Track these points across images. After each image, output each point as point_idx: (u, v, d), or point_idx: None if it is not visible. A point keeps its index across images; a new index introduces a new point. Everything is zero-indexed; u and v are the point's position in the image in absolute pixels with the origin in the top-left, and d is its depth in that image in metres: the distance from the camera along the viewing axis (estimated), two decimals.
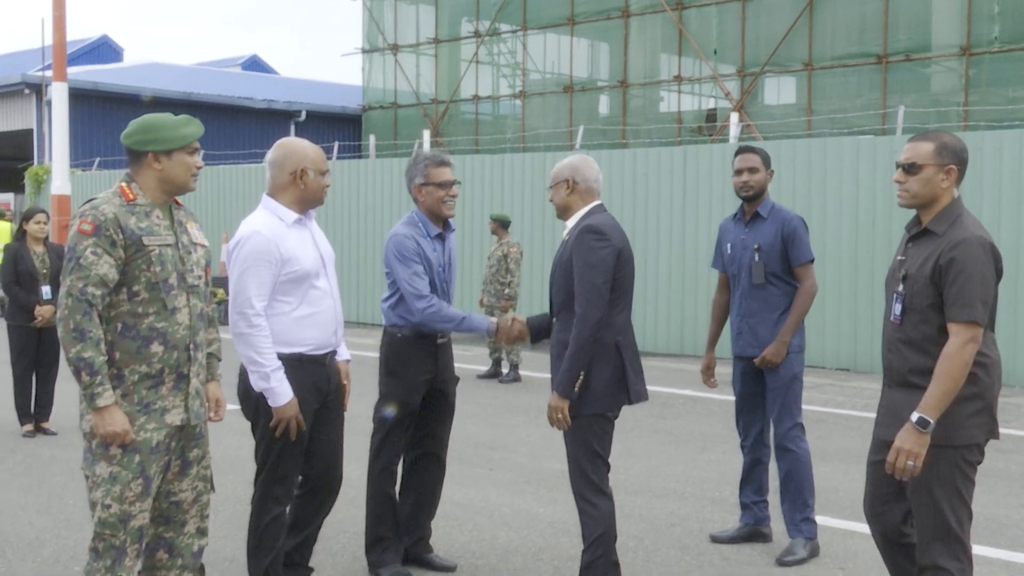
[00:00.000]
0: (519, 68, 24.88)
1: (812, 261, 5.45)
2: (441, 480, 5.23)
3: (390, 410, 4.84)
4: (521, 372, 11.54)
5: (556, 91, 23.92)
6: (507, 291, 11.55)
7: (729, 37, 20.79)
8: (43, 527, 5.75)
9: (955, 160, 3.71)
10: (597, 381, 4.36)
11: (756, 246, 5.44)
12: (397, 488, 5.09)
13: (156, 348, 3.67)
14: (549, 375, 4.52)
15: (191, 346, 3.77)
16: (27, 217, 8.58)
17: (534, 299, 14.83)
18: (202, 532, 3.92)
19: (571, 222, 4.52)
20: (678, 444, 8.20)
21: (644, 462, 7.49)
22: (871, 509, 3.94)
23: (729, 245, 5.63)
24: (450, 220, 5.12)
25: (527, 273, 13.83)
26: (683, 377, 11.37)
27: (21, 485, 6.68)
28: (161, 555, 3.86)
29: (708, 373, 5.82)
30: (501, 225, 11.73)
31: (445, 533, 5.65)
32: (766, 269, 5.42)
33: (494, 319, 4.97)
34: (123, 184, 3.77)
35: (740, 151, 5.60)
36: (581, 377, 4.31)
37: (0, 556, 5.26)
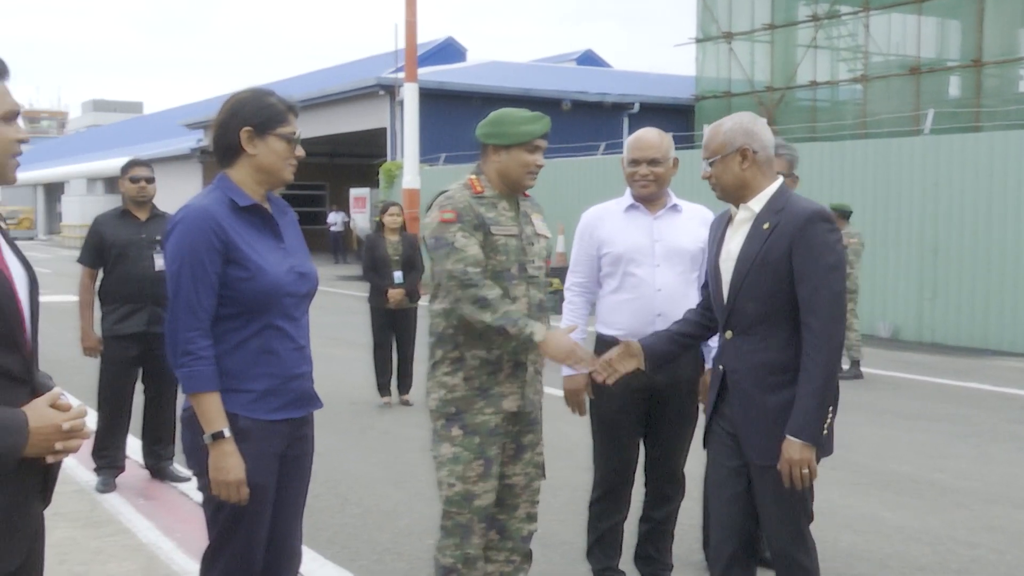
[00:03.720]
0: (860, 51, 23.80)
1: None
2: None
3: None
4: (863, 369, 11.03)
5: (901, 73, 22.67)
6: (846, 284, 11.06)
7: None
8: (398, 500, 6.14)
9: None
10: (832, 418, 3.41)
11: None
12: None
13: (496, 335, 3.74)
14: (711, 400, 3.94)
15: None
16: (383, 210, 9.43)
17: (875, 294, 14.14)
18: (531, 517, 4.00)
19: (756, 204, 3.43)
20: None
21: (1004, 469, 6.94)
22: None
23: None
24: None
25: (867, 266, 13.20)
26: None
27: (379, 460, 7.16)
28: (492, 535, 3.96)
29: None
30: (841, 215, 11.24)
31: None
32: None
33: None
34: (472, 177, 3.87)
35: None
36: (831, 416, 3.33)
37: (362, 525, 5.66)
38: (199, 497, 3.23)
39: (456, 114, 26.13)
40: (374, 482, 6.54)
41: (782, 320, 3.34)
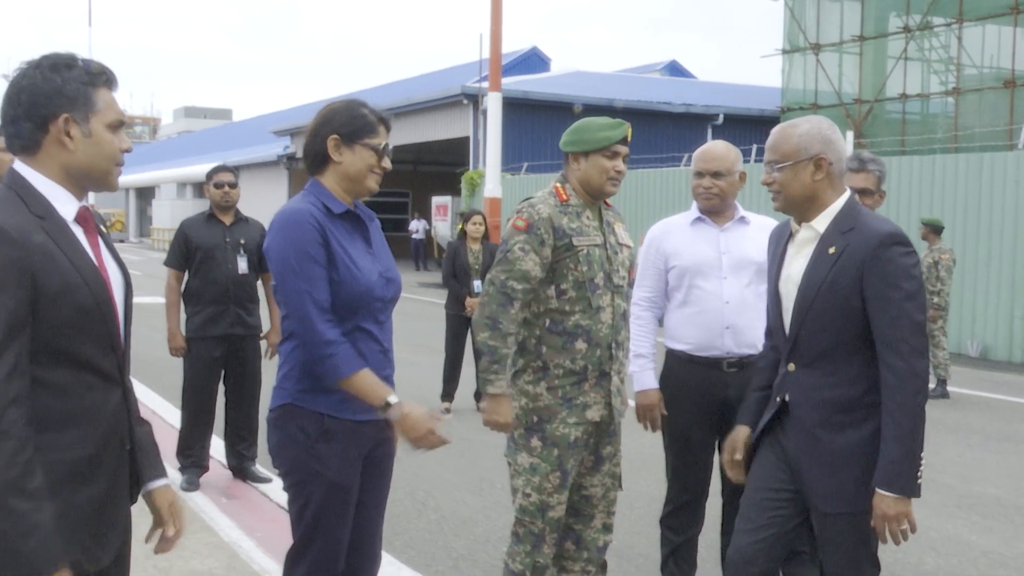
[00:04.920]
0: (952, 63, 23.30)
1: None
2: None
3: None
4: (949, 388, 10.78)
5: (995, 87, 22.14)
6: (936, 300, 10.84)
7: None
8: (475, 507, 6.16)
9: None
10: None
11: None
12: None
13: (580, 345, 3.74)
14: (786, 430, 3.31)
15: (613, 345, 3.81)
16: (466, 218, 9.48)
17: (964, 311, 13.81)
18: (607, 528, 3.98)
19: (821, 223, 3.12)
20: None
21: None
22: None
23: None
24: None
25: (957, 283, 12.91)
26: None
27: (456, 467, 7.19)
28: (568, 545, 3.96)
29: None
30: (933, 231, 11.02)
31: None
32: None
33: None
34: (558, 185, 3.89)
35: None
36: (923, 462, 2.98)
37: (439, 531, 5.70)
38: (281, 498, 3.27)
39: (539, 124, 26.19)
40: (452, 488, 6.58)
41: (851, 353, 3.03)
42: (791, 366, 3.16)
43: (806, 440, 3.11)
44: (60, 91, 2.28)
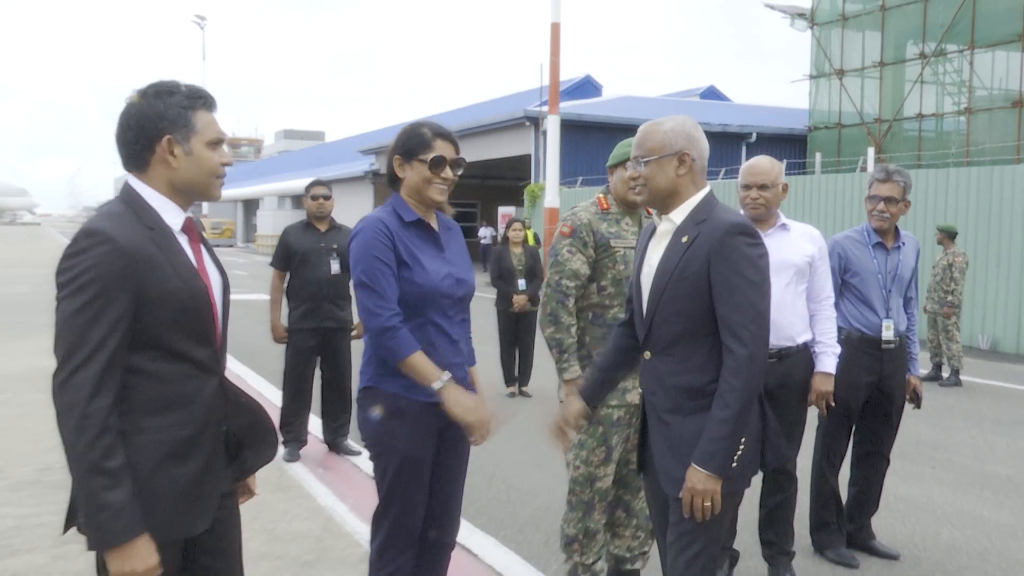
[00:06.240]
0: (965, 86, 22.75)
1: None
2: (883, 475, 4.89)
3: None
4: (962, 377, 10.53)
5: (1004, 106, 21.58)
6: (950, 299, 10.62)
7: None
8: (538, 480, 6.15)
9: None
10: (750, 444, 2.79)
11: None
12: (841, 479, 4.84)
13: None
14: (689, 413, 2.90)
15: None
16: (508, 226, 9.58)
17: (975, 308, 13.50)
18: None
19: (679, 215, 2.85)
20: None
21: None
22: None
23: None
24: (901, 232, 4.76)
25: (970, 283, 12.64)
26: None
27: (520, 444, 7.18)
28: (619, 514, 3.99)
29: None
30: (948, 236, 10.79)
31: (887, 524, 5.28)
32: None
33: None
34: (600, 195, 3.96)
35: None
36: (742, 445, 2.74)
37: (507, 500, 5.70)
38: (369, 468, 3.29)
39: (592, 143, 26.09)
40: (517, 464, 6.57)
41: (702, 340, 2.76)
42: (647, 354, 2.91)
43: (658, 426, 2.87)
44: (163, 115, 2.29)
